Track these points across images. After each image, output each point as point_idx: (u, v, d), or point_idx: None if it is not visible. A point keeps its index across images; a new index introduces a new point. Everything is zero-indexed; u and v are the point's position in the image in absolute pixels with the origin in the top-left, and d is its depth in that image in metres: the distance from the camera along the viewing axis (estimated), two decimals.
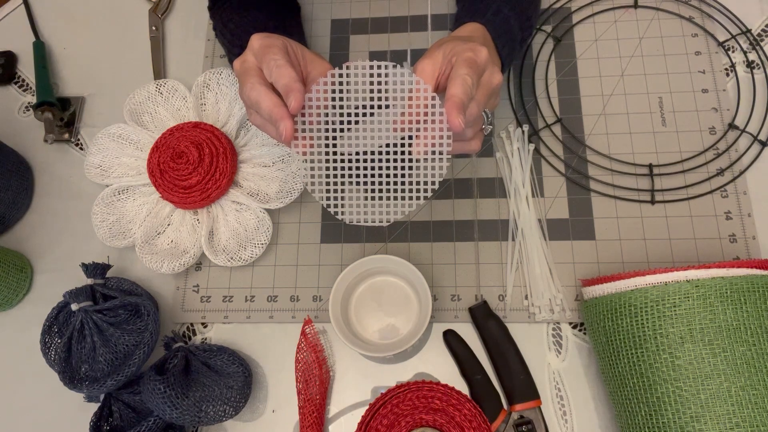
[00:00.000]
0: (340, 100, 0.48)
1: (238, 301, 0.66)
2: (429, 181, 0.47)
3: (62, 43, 0.81)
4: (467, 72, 0.45)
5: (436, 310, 0.63)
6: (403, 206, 0.48)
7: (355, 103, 0.47)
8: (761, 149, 0.66)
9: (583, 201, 0.65)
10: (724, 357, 0.48)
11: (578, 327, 0.61)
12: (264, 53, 0.49)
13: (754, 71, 0.69)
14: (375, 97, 0.47)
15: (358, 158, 0.48)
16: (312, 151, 0.48)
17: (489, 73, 0.48)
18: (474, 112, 0.46)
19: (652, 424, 0.50)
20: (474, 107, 0.46)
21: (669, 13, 0.72)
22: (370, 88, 0.47)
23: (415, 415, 0.53)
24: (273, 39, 0.50)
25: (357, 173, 0.48)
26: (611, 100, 0.69)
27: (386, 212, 0.49)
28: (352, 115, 0.48)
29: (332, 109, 0.48)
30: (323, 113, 0.48)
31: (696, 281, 0.50)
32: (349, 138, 0.48)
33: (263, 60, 0.49)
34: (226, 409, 0.57)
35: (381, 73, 0.47)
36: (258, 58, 0.49)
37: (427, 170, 0.47)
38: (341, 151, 0.48)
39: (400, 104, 0.47)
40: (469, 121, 0.46)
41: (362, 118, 0.48)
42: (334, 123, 0.48)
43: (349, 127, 0.48)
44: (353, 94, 0.47)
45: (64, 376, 0.58)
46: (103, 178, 0.69)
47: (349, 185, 0.49)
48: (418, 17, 0.76)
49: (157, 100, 0.72)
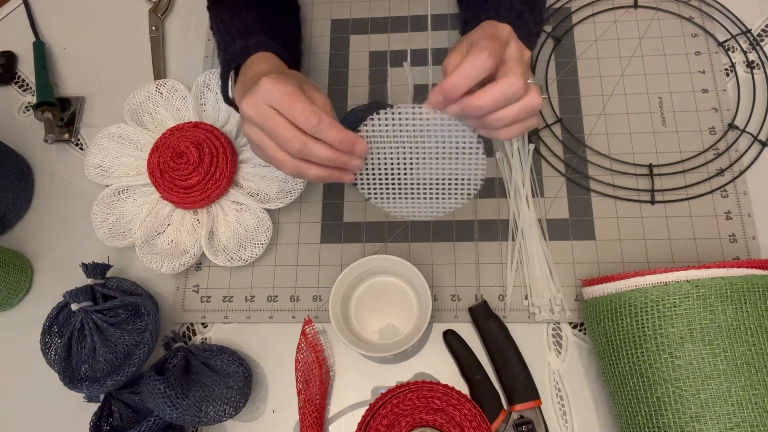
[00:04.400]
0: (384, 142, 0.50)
1: (238, 301, 0.66)
2: (470, 181, 0.51)
3: (62, 43, 0.81)
4: (485, 44, 0.44)
5: (436, 310, 0.63)
6: (449, 203, 0.52)
7: (397, 141, 0.50)
8: (761, 149, 0.66)
9: (583, 201, 0.65)
10: (724, 357, 0.48)
11: (578, 327, 0.61)
12: (291, 103, 0.46)
13: (754, 71, 0.69)
14: (411, 132, 0.49)
15: (404, 168, 0.51)
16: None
17: (516, 48, 0.47)
18: (519, 88, 0.44)
19: (652, 424, 0.50)
20: (516, 83, 0.44)
21: (669, 13, 0.72)
22: (407, 128, 0.49)
23: (415, 415, 0.53)
24: (289, 84, 0.47)
25: (403, 181, 0.52)
26: (611, 100, 0.69)
27: (431, 209, 0.53)
28: (395, 156, 0.50)
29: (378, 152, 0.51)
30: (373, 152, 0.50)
31: (696, 281, 0.50)
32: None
33: (294, 110, 0.46)
34: (226, 409, 0.57)
35: (418, 116, 0.48)
36: (285, 109, 0.47)
37: (465, 170, 0.50)
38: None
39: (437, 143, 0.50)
40: (512, 98, 0.45)
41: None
42: (382, 161, 0.51)
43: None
44: (394, 134, 0.49)
45: (64, 376, 0.58)
46: (103, 178, 0.69)
47: (396, 187, 0.52)
48: (418, 17, 0.76)
49: (157, 100, 0.72)
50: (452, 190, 0.51)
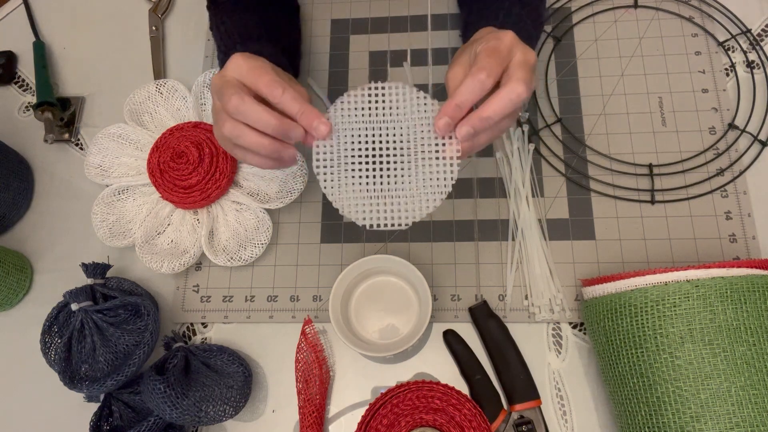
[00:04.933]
0: (352, 123, 0.48)
1: (238, 301, 0.66)
2: (443, 182, 0.47)
3: (62, 43, 0.81)
4: (485, 62, 0.44)
5: (436, 310, 0.63)
6: (420, 208, 0.47)
7: (364, 126, 0.48)
8: (761, 149, 0.66)
9: (583, 201, 0.65)
10: (724, 357, 0.48)
11: (578, 327, 0.61)
12: (258, 76, 0.46)
13: (754, 71, 0.69)
14: (382, 119, 0.48)
15: (373, 165, 0.48)
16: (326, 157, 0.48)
17: (521, 53, 0.46)
18: (522, 93, 0.44)
19: (652, 424, 0.50)
20: (520, 87, 0.44)
21: (669, 13, 0.72)
22: (376, 109, 0.48)
23: (415, 415, 0.53)
24: (260, 60, 0.47)
25: (371, 180, 0.48)
26: (611, 100, 0.69)
27: (404, 215, 0.47)
28: (364, 138, 0.48)
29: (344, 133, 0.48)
30: (338, 137, 0.48)
31: (696, 281, 0.50)
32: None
33: (260, 83, 0.46)
34: (226, 409, 0.57)
35: (386, 93, 0.47)
36: (250, 80, 0.46)
37: (438, 172, 0.47)
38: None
39: (409, 120, 0.48)
40: (517, 104, 0.45)
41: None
42: (348, 148, 0.48)
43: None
44: (361, 117, 0.48)
45: (64, 376, 0.58)
46: (103, 178, 0.69)
47: (366, 191, 0.48)
48: (418, 17, 0.76)
49: (157, 100, 0.72)
50: (424, 188, 0.48)
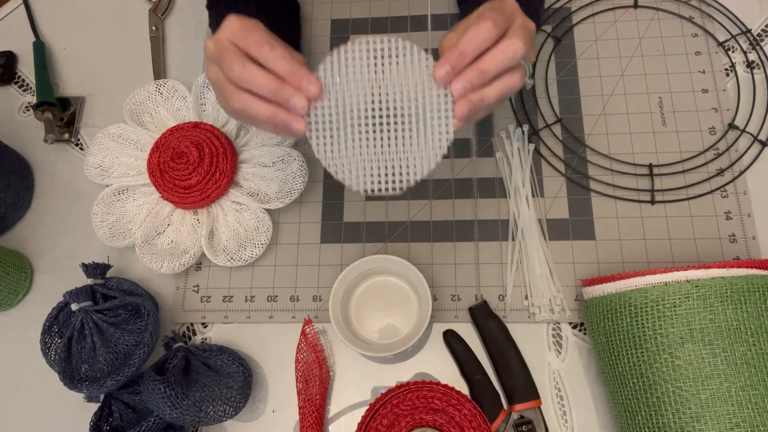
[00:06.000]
0: (347, 81, 0.46)
1: (238, 301, 0.66)
2: (438, 143, 0.46)
3: (62, 43, 0.81)
4: (490, 14, 0.43)
5: (436, 310, 0.63)
6: (415, 170, 0.46)
7: (360, 84, 0.45)
8: (761, 149, 0.66)
9: (583, 201, 0.65)
10: (724, 357, 0.48)
11: (578, 327, 0.61)
12: (248, 35, 0.44)
13: (754, 71, 0.69)
14: (379, 76, 0.45)
15: (367, 124, 0.46)
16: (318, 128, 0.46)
17: (521, 19, 0.46)
18: (519, 48, 0.43)
19: (652, 424, 0.50)
20: (518, 43, 0.43)
21: (669, 13, 0.72)
22: (374, 65, 0.45)
23: (415, 415, 0.53)
24: (253, 21, 0.45)
25: (366, 141, 0.46)
26: (611, 100, 0.69)
27: (399, 178, 0.46)
28: (360, 98, 0.46)
29: (337, 93, 0.46)
30: (330, 97, 0.46)
31: (696, 281, 0.50)
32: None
33: (249, 41, 0.44)
34: (226, 409, 0.57)
35: (384, 48, 0.45)
36: (240, 40, 0.45)
37: (433, 131, 0.46)
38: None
39: (405, 78, 0.45)
40: (514, 59, 0.44)
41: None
42: (341, 108, 0.46)
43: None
44: (357, 75, 0.45)
45: (64, 376, 0.58)
46: (103, 178, 0.69)
47: (359, 151, 0.46)
48: (418, 17, 0.76)
49: (157, 100, 0.72)
50: (420, 150, 0.46)
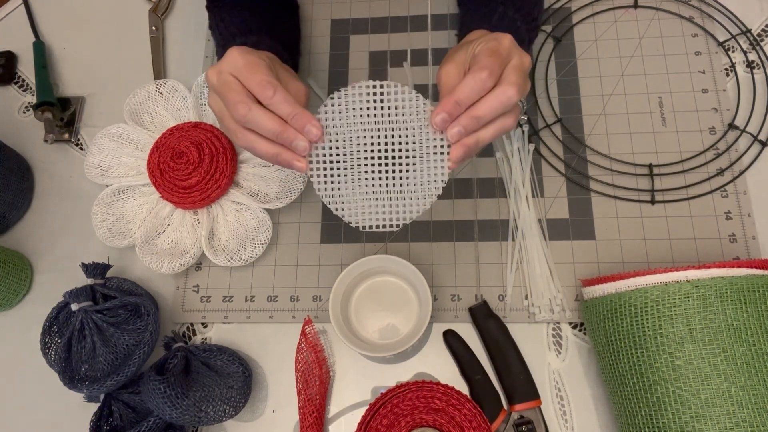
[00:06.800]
0: (345, 124, 0.47)
1: (238, 301, 0.66)
2: (433, 183, 0.47)
3: (62, 43, 0.81)
4: (486, 62, 0.44)
5: (436, 310, 0.63)
6: (411, 209, 0.48)
7: (360, 126, 0.47)
8: (761, 149, 0.66)
9: (583, 201, 0.65)
10: (724, 357, 0.48)
11: (578, 327, 0.61)
12: (251, 76, 0.46)
13: (754, 71, 0.69)
14: (378, 119, 0.47)
15: (366, 164, 0.48)
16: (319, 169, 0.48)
17: (518, 57, 0.47)
18: (513, 96, 0.44)
19: (652, 424, 0.50)
20: (511, 90, 0.44)
21: (669, 13, 0.72)
22: (373, 108, 0.47)
23: (415, 415, 0.53)
24: (256, 55, 0.47)
25: (363, 179, 0.48)
26: (611, 100, 0.69)
27: (396, 216, 0.48)
28: (359, 140, 0.47)
29: (336, 135, 0.48)
30: (331, 138, 0.47)
31: (696, 281, 0.50)
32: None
33: (252, 82, 0.46)
34: (226, 409, 0.57)
35: (383, 92, 0.47)
36: (243, 77, 0.46)
37: (429, 173, 0.47)
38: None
39: (402, 121, 0.47)
40: (507, 105, 0.45)
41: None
42: (341, 149, 0.48)
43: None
44: (356, 117, 0.47)
45: (64, 376, 0.58)
46: (103, 178, 0.69)
47: (358, 190, 0.48)
48: (418, 17, 0.76)
49: (157, 100, 0.72)
50: (417, 190, 0.48)
